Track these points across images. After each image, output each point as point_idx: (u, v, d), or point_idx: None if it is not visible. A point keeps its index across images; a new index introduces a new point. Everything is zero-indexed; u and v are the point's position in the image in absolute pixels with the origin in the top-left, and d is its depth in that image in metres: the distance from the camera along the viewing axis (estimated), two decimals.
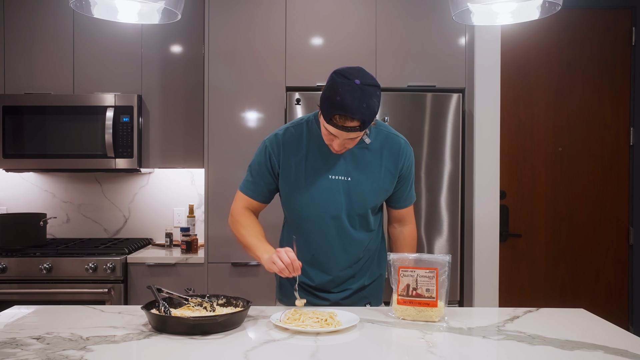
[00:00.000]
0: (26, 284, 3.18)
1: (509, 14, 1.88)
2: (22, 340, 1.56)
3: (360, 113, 1.71)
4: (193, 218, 3.63)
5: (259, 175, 2.01)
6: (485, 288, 3.16)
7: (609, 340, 1.60)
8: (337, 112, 1.71)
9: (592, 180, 3.70)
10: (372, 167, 1.96)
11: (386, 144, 1.98)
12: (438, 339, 1.63)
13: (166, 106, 3.54)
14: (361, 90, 1.71)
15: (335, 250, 1.99)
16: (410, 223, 2.14)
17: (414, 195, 2.12)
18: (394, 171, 1.99)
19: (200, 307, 1.83)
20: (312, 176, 1.95)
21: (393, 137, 2.00)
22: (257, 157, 2.02)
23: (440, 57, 3.19)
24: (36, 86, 3.51)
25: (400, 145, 2.00)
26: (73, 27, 3.52)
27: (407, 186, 2.06)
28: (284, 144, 1.97)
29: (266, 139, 2.02)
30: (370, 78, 1.76)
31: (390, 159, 1.98)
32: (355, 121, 1.73)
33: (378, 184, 1.97)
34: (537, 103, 3.69)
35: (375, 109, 1.75)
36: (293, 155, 1.97)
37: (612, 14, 3.69)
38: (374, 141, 1.96)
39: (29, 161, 3.45)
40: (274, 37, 3.20)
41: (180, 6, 1.83)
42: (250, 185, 2.04)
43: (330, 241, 1.98)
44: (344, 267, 2.02)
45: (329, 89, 1.74)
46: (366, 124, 1.75)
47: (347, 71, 1.75)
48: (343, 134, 1.77)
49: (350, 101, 1.70)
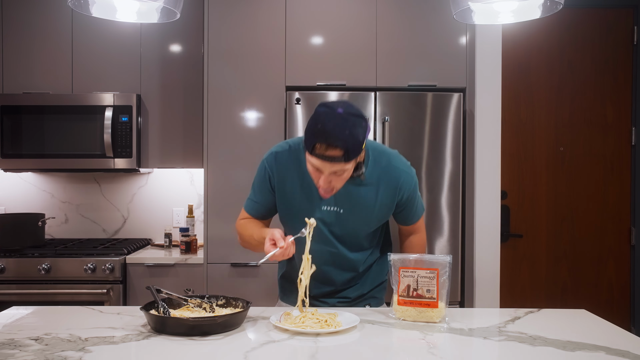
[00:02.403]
0: (24, 285, 3.16)
1: (510, 13, 1.87)
2: (20, 341, 1.55)
3: (342, 140, 1.61)
4: (192, 218, 3.62)
5: (261, 194, 1.97)
6: (486, 288, 3.15)
7: (611, 341, 1.59)
8: (318, 139, 1.63)
9: (594, 180, 3.69)
10: (366, 200, 1.87)
11: (384, 177, 1.87)
12: (439, 339, 1.63)
13: (165, 106, 3.53)
14: (344, 119, 1.63)
15: (330, 270, 1.96)
16: (419, 232, 2.08)
17: (421, 210, 2.03)
18: (391, 204, 1.91)
19: (200, 308, 1.83)
20: (305, 204, 1.89)
21: (393, 169, 1.88)
22: (257, 176, 1.97)
23: (440, 57, 3.18)
24: (35, 86, 3.50)
25: (399, 179, 1.88)
26: (72, 26, 3.51)
27: (411, 208, 1.97)
28: (279, 167, 1.91)
29: (265, 159, 1.95)
30: (356, 109, 1.67)
31: (387, 193, 1.88)
32: (337, 149, 1.63)
33: (372, 216, 1.91)
34: (538, 102, 3.68)
35: (360, 139, 1.65)
36: (288, 179, 1.90)
37: (613, 13, 3.68)
38: (370, 175, 1.85)
39: (28, 161, 3.44)
40: (274, 36, 3.19)
41: (180, 5, 1.82)
42: (253, 205, 2.00)
43: (325, 262, 1.94)
44: (341, 282, 2.00)
45: (312, 119, 1.67)
46: (350, 154, 1.64)
47: (331, 102, 1.70)
48: (326, 165, 1.67)
49: (332, 127, 1.61)
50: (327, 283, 1.99)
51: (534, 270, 3.69)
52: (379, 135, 3.11)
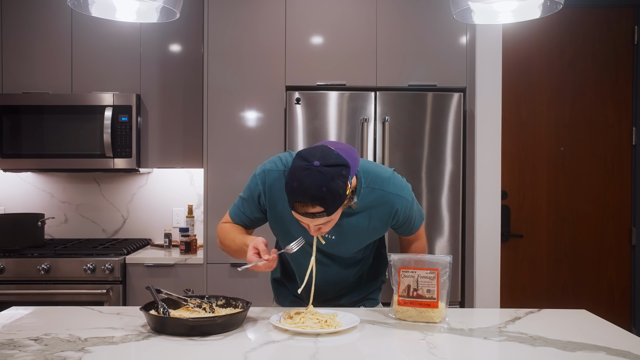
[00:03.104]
0: (24, 285, 3.16)
1: (510, 12, 1.86)
2: (20, 341, 1.55)
3: (320, 198, 1.56)
4: (192, 218, 3.62)
5: (249, 207, 1.91)
6: (487, 289, 3.15)
7: (611, 342, 1.59)
8: (296, 198, 1.58)
9: (594, 180, 3.69)
10: (358, 227, 1.84)
11: (377, 205, 1.82)
12: (439, 340, 1.62)
13: (165, 105, 3.52)
14: (320, 173, 1.56)
15: (323, 284, 1.94)
16: (419, 239, 2.06)
17: (419, 221, 1.98)
18: (385, 227, 1.88)
19: (200, 308, 1.82)
20: (297, 229, 1.83)
21: (386, 196, 1.82)
22: (248, 189, 1.91)
23: (441, 56, 3.18)
24: (34, 85, 3.50)
25: (393, 207, 1.83)
26: (71, 26, 3.50)
27: (408, 224, 1.93)
28: (270, 188, 1.84)
29: (256, 175, 1.87)
30: (335, 157, 1.60)
31: (381, 219, 1.84)
32: (317, 207, 1.58)
33: (364, 239, 1.89)
34: (538, 102, 3.67)
35: (339, 192, 1.58)
36: (279, 202, 1.84)
37: (614, 12, 3.68)
38: (362, 202, 1.80)
39: (27, 161, 3.44)
40: (274, 36, 3.18)
41: (179, 5, 1.81)
42: (239, 214, 1.94)
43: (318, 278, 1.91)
44: (335, 292, 2.00)
45: (289, 174, 1.61)
46: (331, 209, 1.60)
47: (308, 152, 1.62)
48: (308, 220, 1.64)
49: (308, 185, 1.55)
50: (320, 295, 1.97)
51: (535, 270, 3.68)
52: (379, 135, 3.11)
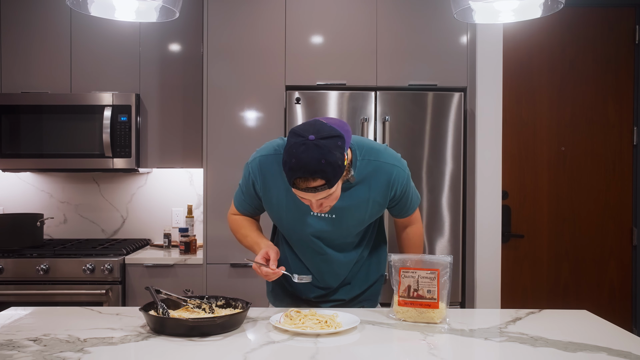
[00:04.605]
0: (23, 285, 3.15)
1: (510, 12, 1.86)
2: (19, 342, 1.54)
3: (320, 171, 1.58)
4: (192, 218, 3.61)
5: (247, 194, 1.96)
6: (487, 289, 3.14)
7: (612, 342, 1.59)
8: (296, 175, 1.60)
9: (595, 180, 3.68)
10: (359, 201, 1.85)
11: (374, 175, 1.84)
12: (439, 340, 1.62)
13: (165, 105, 3.52)
14: (317, 146, 1.58)
15: (320, 273, 1.95)
16: (415, 223, 2.08)
17: (416, 201, 2.01)
18: (384, 200, 1.89)
19: (199, 309, 1.82)
20: (293, 212, 1.86)
21: (382, 166, 1.85)
22: (243, 179, 1.96)
23: (441, 56, 3.17)
24: (33, 85, 3.49)
25: (391, 176, 1.85)
26: (70, 26, 3.50)
27: (405, 201, 1.95)
28: (264, 173, 1.87)
29: (249, 163, 1.91)
30: (328, 130, 1.62)
31: (379, 190, 1.86)
32: (317, 180, 1.60)
33: (365, 215, 1.89)
34: (539, 102, 3.67)
35: (338, 162, 1.61)
36: (274, 187, 1.86)
37: (615, 12, 3.67)
38: (360, 174, 1.83)
39: (26, 161, 3.43)
40: (274, 36, 3.17)
41: (179, 4, 1.81)
42: (241, 202, 2.00)
43: (316, 265, 1.93)
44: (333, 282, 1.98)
45: (286, 153, 1.63)
46: (332, 181, 1.62)
47: (301, 128, 1.64)
48: (311, 195, 1.66)
49: (307, 160, 1.57)
50: (319, 285, 1.97)
51: (535, 270, 3.68)
52: (379, 135, 3.10)
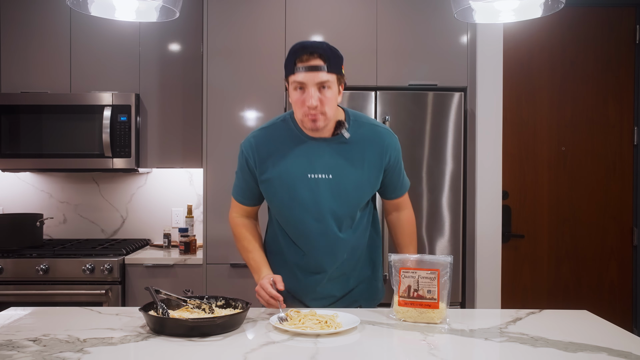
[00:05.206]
0: (22, 285, 3.15)
1: (511, 11, 1.86)
2: (18, 342, 1.54)
3: (322, 49, 1.76)
4: (191, 219, 3.61)
5: (244, 180, 1.99)
6: (488, 289, 3.14)
7: (613, 342, 1.59)
8: (298, 54, 1.76)
9: (596, 180, 3.68)
10: (354, 161, 1.89)
11: (368, 136, 1.92)
12: (439, 340, 1.61)
13: (164, 105, 3.52)
14: (321, 41, 1.82)
15: (320, 252, 1.93)
16: (406, 208, 2.10)
17: (407, 183, 2.08)
18: (379, 165, 1.93)
19: (199, 309, 1.82)
20: (291, 177, 1.89)
21: (375, 129, 1.94)
22: (238, 162, 2.00)
23: (441, 56, 3.17)
24: (33, 85, 3.49)
25: (385, 137, 1.93)
26: (70, 25, 3.49)
27: (398, 176, 2.01)
28: (258, 147, 1.93)
29: (242, 143, 1.98)
30: None
31: (374, 151, 1.91)
32: (318, 59, 1.75)
33: (362, 178, 1.91)
34: (540, 102, 3.66)
35: (338, 54, 1.81)
36: (269, 157, 1.91)
37: (615, 11, 3.67)
38: (354, 134, 1.90)
39: (26, 161, 3.43)
40: (274, 35, 3.17)
41: (179, 4, 1.81)
42: (239, 191, 2.03)
43: (314, 244, 1.92)
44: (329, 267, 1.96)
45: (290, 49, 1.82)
46: (331, 63, 1.77)
47: None
48: (309, 76, 1.75)
49: (310, 43, 1.79)
50: (316, 270, 1.96)
51: (536, 270, 3.67)
52: None
